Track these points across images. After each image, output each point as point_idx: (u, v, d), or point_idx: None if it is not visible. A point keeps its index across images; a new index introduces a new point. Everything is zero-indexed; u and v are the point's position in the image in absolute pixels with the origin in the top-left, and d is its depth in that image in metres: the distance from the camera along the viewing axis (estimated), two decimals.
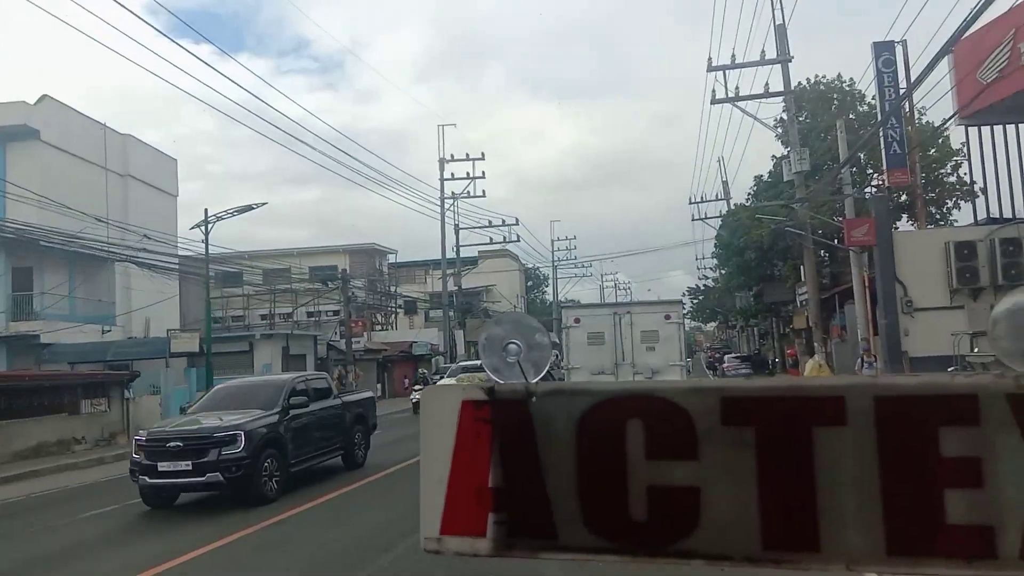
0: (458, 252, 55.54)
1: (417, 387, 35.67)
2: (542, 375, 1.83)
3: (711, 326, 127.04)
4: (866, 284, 26.53)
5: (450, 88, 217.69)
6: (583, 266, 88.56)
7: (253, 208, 32.03)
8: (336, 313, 53.79)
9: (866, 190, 33.91)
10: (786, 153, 33.99)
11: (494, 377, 1.85)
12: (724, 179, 56.97)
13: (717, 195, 56.91)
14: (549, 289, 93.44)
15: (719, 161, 58.90)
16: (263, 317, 54.22)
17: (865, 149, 31.18)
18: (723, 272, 53.48)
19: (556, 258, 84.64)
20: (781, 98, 32.23)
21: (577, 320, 20.34)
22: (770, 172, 42.03)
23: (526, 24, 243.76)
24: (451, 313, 56.61)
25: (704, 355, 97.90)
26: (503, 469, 1.60)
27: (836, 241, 32.10)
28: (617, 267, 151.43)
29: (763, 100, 32.46)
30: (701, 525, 1.52)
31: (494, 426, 1.61)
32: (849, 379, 1.50)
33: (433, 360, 56.86)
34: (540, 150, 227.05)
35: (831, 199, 32.73)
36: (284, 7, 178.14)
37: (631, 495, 1.55)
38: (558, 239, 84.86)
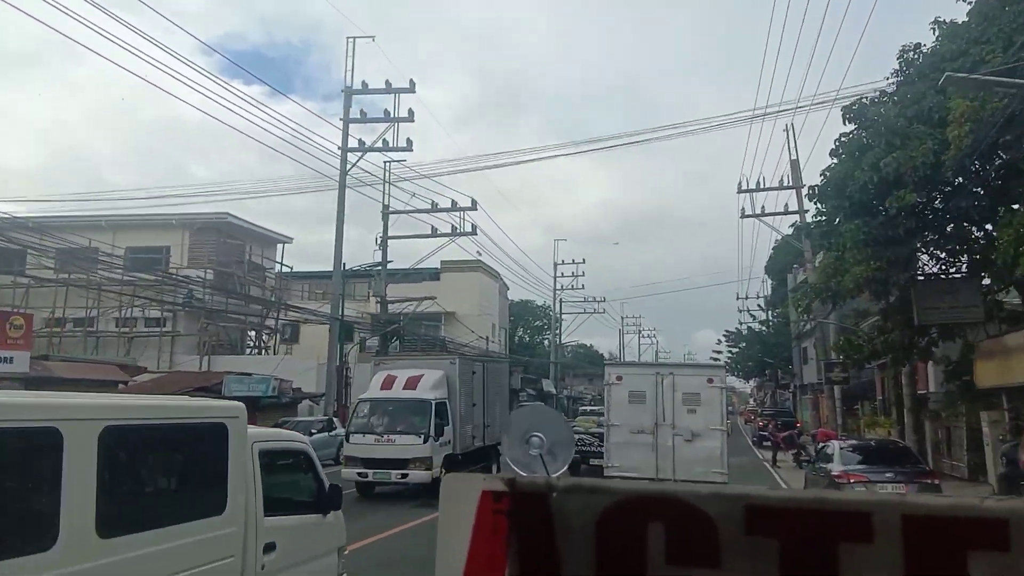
0: (385, 247, 37.69)
1: None
2: (565, 468, 1.77)
3: (751, 384, 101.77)
4: None
5: (485, 136, 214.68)
6: (594, 300, 75.44)
7: None
8: (159, 322, 38.14)
9: None
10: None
11: (515, 468, 1.78)
12: (794, 157, 37.29)
13: (783, 180, 37.51)
14: (562, 335, 78.62)
15: (786, 129, 38.20)
16: (49, 321, 36.04)
17: None
18: (832, 242, 22.99)
19: (560, 287, 70.78)
20: None
21: (619, 378, 20.35)
22: (937, 38, 20.35)
23: (563, 79, 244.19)
24: (370, 338, 40.50)
25: (741, 420, 77.16)
26: (520, 565, 1.54)
27: None
28: (639, 312, 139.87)
29: None
30: None
31: (512, 520, 1.55)
32: (877, 495, 1.52)
33: (303, 406, 38.20)
34: (570, 201, 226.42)
35: None
36: (330, 53, 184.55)
37: None
38: (562, 262, 70.83)
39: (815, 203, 22.33)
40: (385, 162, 36.90)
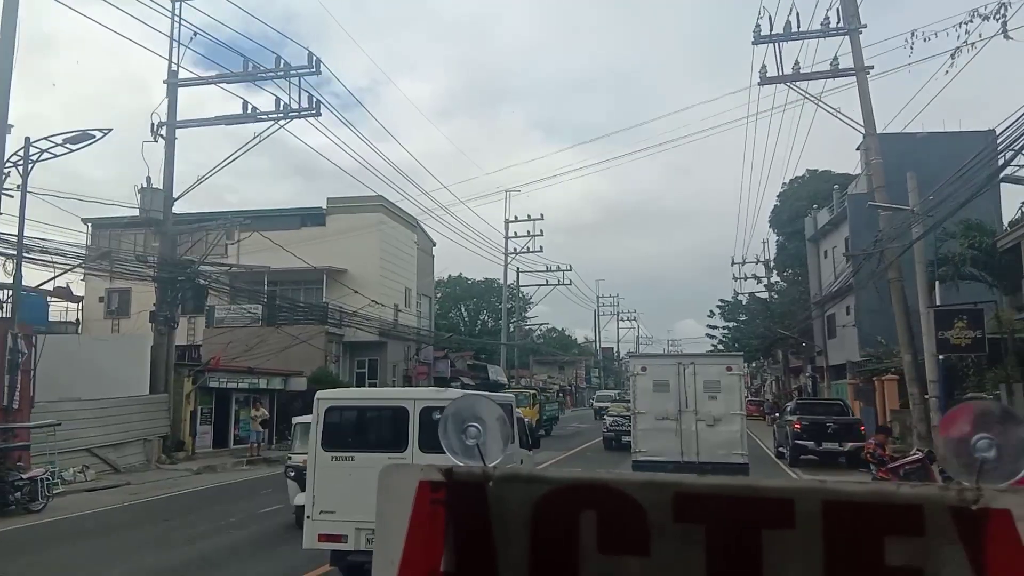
0: (171, 134, 26.97)
1: None
2: (500, 459, 1.82)
3: (746, 369, 72.22)
4: None
5: (467, 129, 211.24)
6: (560, 269, 62.19)
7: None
8: None
9: None
10: None
11: (452, 459, 1.82)
12: None
13: (828, 21, 23.71)
14: (523, 312, 68.59)
15: None
16: None
17: None
18: None
19: (513, 250, 58.04)
20: None
21: (644, 368, 21.80)
22: None
23: (544, 71, 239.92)
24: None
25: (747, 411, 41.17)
26: (456, 554, 1.58)
27: None
28: (618, 293, 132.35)
29: None
30: None
31: (449, 509, 1.59)
32: (799, 482, 1.58)
33: None
34: (554, 192, 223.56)
35: None
36: (308, 43, 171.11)
37: None
38: (516, 219, 57.74)
39: None
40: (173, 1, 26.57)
